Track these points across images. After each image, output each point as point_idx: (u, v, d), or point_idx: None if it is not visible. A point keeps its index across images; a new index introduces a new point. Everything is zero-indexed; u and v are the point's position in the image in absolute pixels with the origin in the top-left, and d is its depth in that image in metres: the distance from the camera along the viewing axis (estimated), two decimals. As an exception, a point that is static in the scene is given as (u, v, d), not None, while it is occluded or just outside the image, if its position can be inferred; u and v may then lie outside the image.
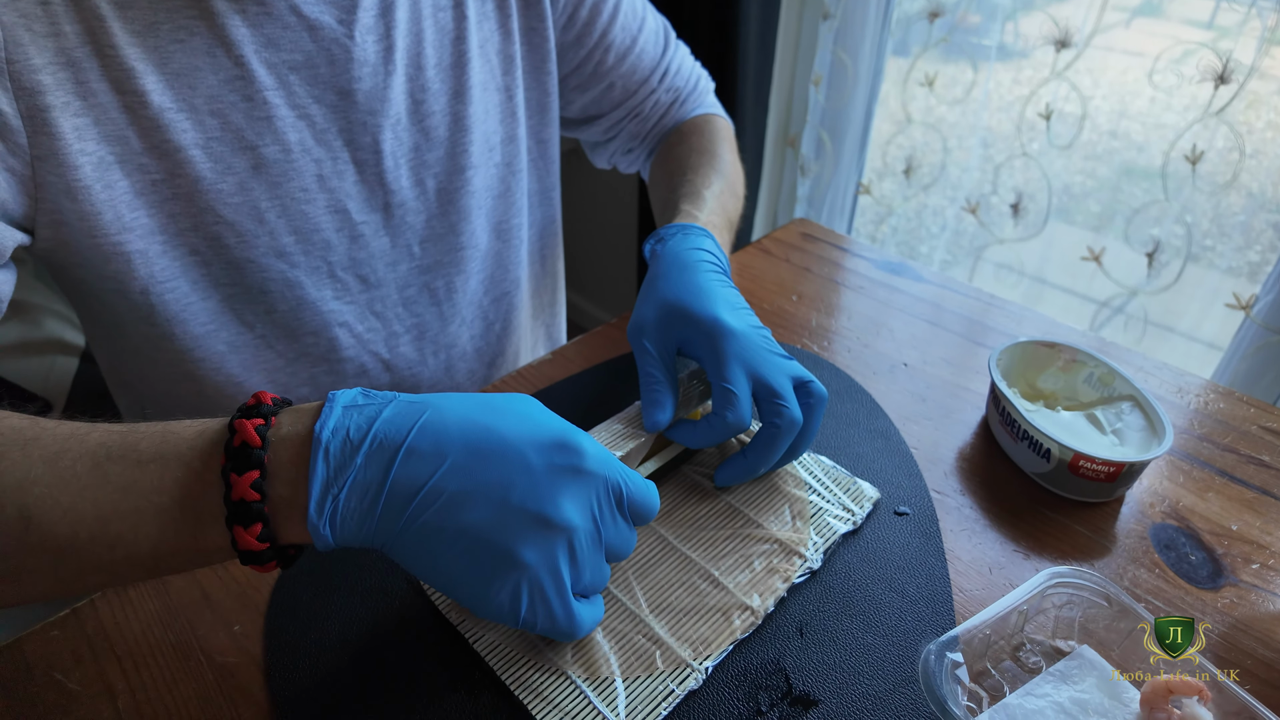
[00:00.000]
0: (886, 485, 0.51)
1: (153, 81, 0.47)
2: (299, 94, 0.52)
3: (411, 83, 0.57)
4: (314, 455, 0.33)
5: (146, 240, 0.50)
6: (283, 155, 0.53)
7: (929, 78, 1.22)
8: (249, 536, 0.33)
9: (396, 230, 0.60)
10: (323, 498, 0.33)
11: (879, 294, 0.73)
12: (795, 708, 0.39)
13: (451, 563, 0.34)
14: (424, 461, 0.34)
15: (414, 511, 0.33)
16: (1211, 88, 0.94)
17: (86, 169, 0.47)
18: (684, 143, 0.73)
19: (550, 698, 0.39)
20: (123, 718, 0.39)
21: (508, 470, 0.35)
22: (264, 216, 0.54)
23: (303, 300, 0.58)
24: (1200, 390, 0.60)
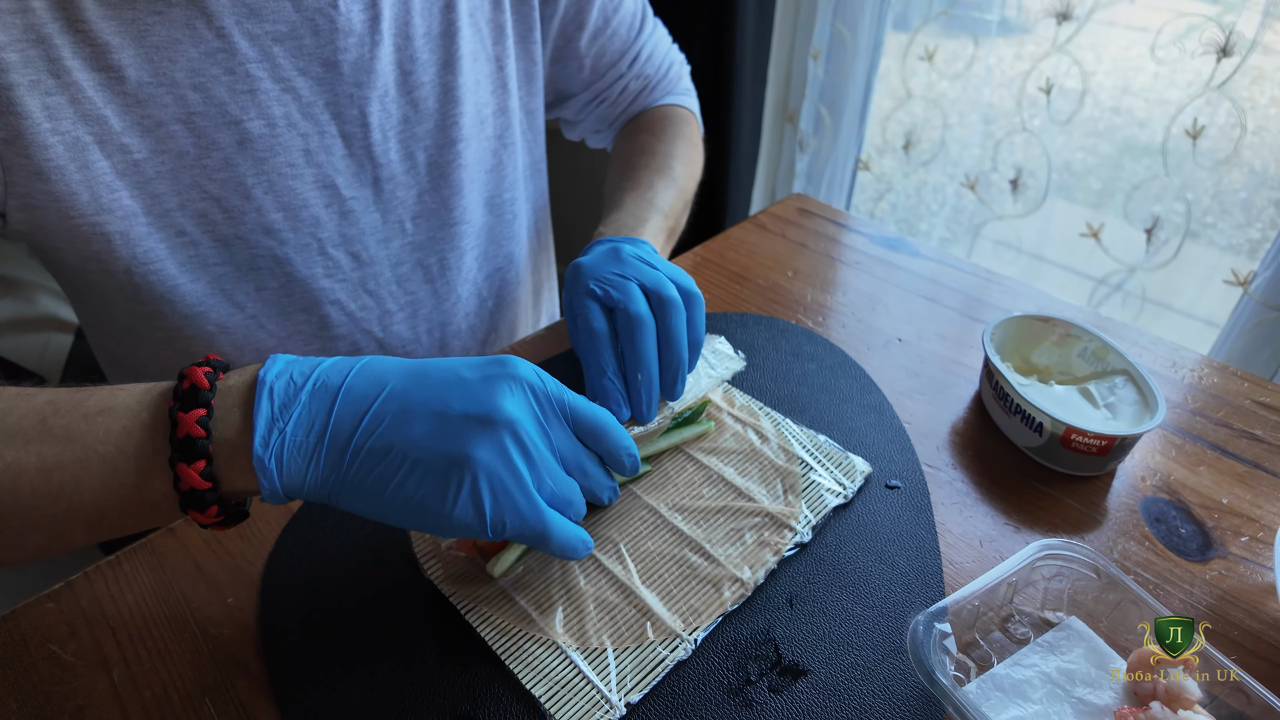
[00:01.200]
0: (878, 459, 0.51)
1: (129, 56, 0.46)
2: (283, 66, 0.51)
3: (399, 53, 0.56)
4: (258, 394, 0.34)
5: (128, 221, 0.50)
6: (268, 130, 0.52)
7: (929, 51, 1.21)
8: (192, 472, 0.33)
9: (387, 205, 0.60)
10: (268, 432, 0.34)
11: (876, 270, 0.72)
12: (784, 677, 0.39)
13: (404, 487, 0.34)
14: (364, 394, 0.35)
15: (359, 440, 0.34)
16: (1213, 61, 0.93)
17: (59, 149, 0.45)
18: (633, 140, 0.73)
19: (542, 668, 0.39)
20: (118, 688, 0.40)
21: (444, 386, 0.36)
22: (250, 193, 0.53)
23: (292, 278, 0.57)
24: (1194, 365, 0.60)
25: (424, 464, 0.34)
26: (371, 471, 0.34)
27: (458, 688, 0.39)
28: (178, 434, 0.33)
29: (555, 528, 0.37)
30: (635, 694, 0.38)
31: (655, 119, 0.75)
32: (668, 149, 0.71)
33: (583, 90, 0.74)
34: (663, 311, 0.47)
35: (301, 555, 0.45)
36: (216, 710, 0.39)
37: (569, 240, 0.98)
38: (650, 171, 0.67)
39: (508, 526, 0.35)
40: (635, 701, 0.38)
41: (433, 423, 0.34)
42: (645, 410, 0.47)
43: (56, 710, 0.39)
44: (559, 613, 0.42)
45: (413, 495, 0.34)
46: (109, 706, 0.39)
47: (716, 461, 0.50)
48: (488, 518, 0.35)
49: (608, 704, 0.38)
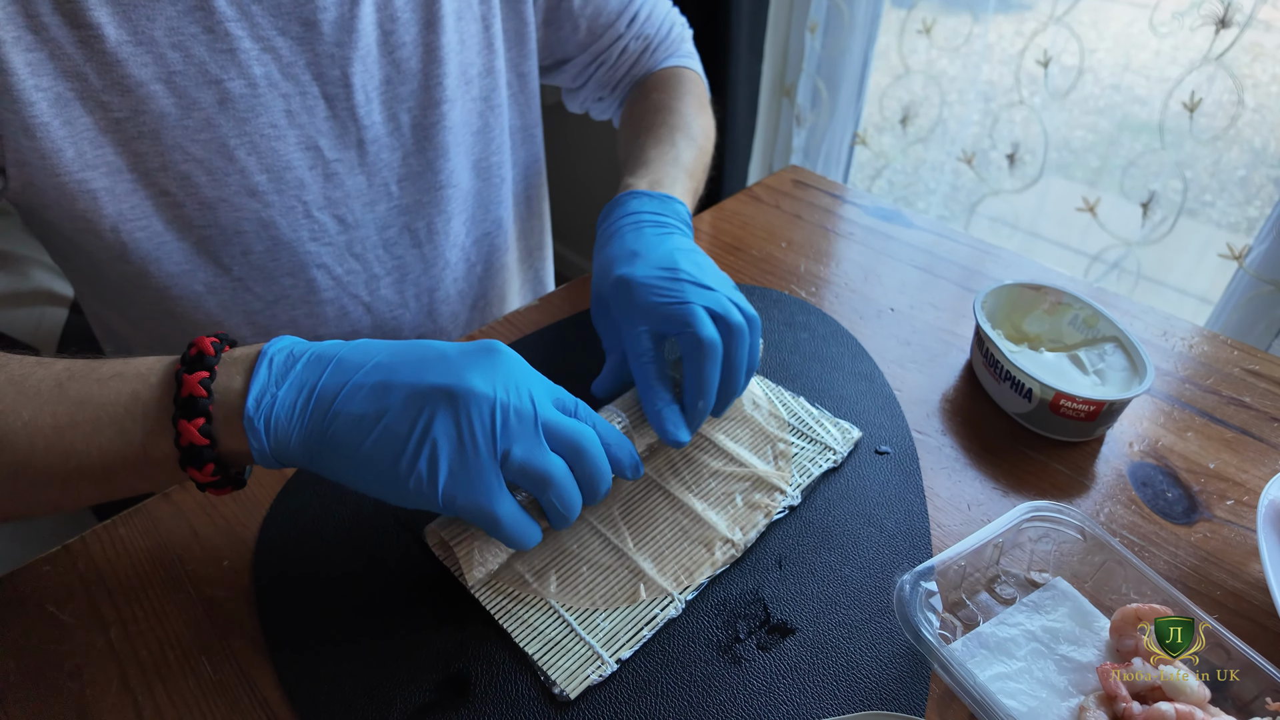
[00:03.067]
0: (868, 426, 0.52)
1: (106, 14, 0.46)
2: (262, 25, 0.51)
3: (380, 12, 0.55)
4: (259, 362, 0.37)
5: (113, 178, 0.50)
6: (249, 90, 0.51)
7: (927, 25, 1.20)
8: (192, 428, 0.35)
9: (372, 168, 0.59)
10: (261, 394, 0.36)
11: (870, 241, 0.72)
12: (773, 635, 0.40)
13: (372, 451, 0.35)
14: (352, 364, 0.37)
15: (339, 404, 0.36)
16: (1212, 32, 0.93)
17: (42, 105, 0.45)
18: (646, 99, 0.72)
19: (534, 626, 0.40)
20: (115, 647, 0.40)
21: (426, 361, 0.37)
22: (233, 154, 0.52)
23: (278, 240, 0.57)
24: (1185, 334, 0.61)
25: (391, 430, 0.35)
26: (347, 435, 0.36)
27: (451, 647, 0.39)
28: (181, 393, 0.36)
29: (507, 513, 0.37)
30: (626, 650, 0.39)
31: (664, 79, 0.73)
32: (683, 108, 0.69)
33: (580, 52, 0.72)
34: (730, 339, 0.46)
35: (296, 518, 0.46)
36: (213, 668, 0.39)
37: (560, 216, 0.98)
38: (670, 129, 0.66)
39: (458, 501, 0.35)
40: (626, 658, 0.39)
41: (406, 392, 0.36)
42: (690, 428, 0.46)
43: (55, 669, 0.39)
44: (552, 575, 0.42)
45: (379, 459, 0.35)
46: (107, 665, 0.39)
47: (708, 428, 0.50)
48: (440, 488, 0.35)
49: (599, 660, 0.38)
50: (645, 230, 0.53)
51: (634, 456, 0.43)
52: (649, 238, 0.52)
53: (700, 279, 0.48)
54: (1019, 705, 0.37)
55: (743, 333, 0.46)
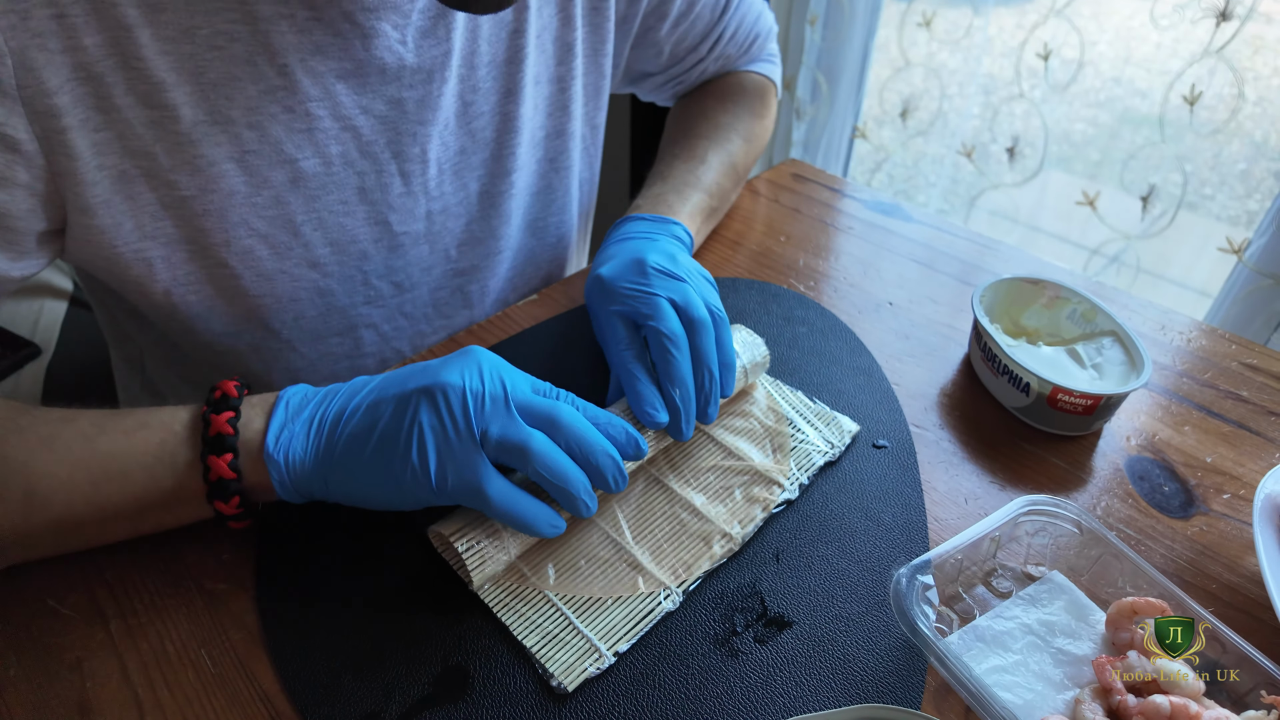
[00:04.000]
0: (866, 420, 0.52)
1: (185, 94, 0.44)
2: (345, 104, 0.49)
3: (463, 83, 0.54)
4: (277, 404, 0.41)
5: (171, 248, 0.48)
6: (323, 168, 0.50)
7: (927, 18, 1.19)
8: (221, 463, 0.39)
9: (436, 236, 0.58)
10: (279, 431, 0.40)
11: (869, 235, 0.72)
12: (770, 628, 0.40)
13: (372, 458, 0.39)
14: (352, 391, 0.41)
15: (343, 426, 0.40)
16: (1213, 25, 0.92)
17: (105, 184, 0.44)
18: (698, 102, 0.71)
19: (533, 619, 0.40)
20: (114, 640, 0.40)
21: (409, 375, 0.40)
22: (299, 230, 0.51)
23: (333, 306, 0.56)
24: (1183, 328, 0.61)
25: (386, 434, 0.39)
26: (351, 449, 0.39)
27: (450, 640, 0.40)
28: (210, 432, 0.39)
29: (496, 489, 0.38)
30: (624, 643, 0.39)
31: (726, 86, 0.73)
32: (730, 121, 0.68)
33: (659, 73, 0.72)
34: (692, 331, 0.46)
35: (296, 512, 0.46)
36: (212, 661, 0.39)
37: None
38: (705, 141, 0.66)
39: (449, 482, 0.38)
40: (624, 650, 0.39)
41: (394, 400, 0.39)
42: (685, 427, 0.45)
43: (55, 662, 0.39)
44: (550, 568, 0.42)
45: (379, 463, 0.38)
46: (106, 658, 0.39)
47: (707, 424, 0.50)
48: (432, 474, 0.38)
49: (597, 653, 0.39)
50: (628, 243, 0.53)
51: (631, 432, 0.42)
52: (628, 246, 0.52)
53: (670, 269, 0.49)
54: (1015, 698, 0.37)
55: (705, 326, 0.47)
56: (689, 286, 0.48)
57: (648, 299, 0.47)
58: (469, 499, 0.38)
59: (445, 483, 0.38)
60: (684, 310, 0.47)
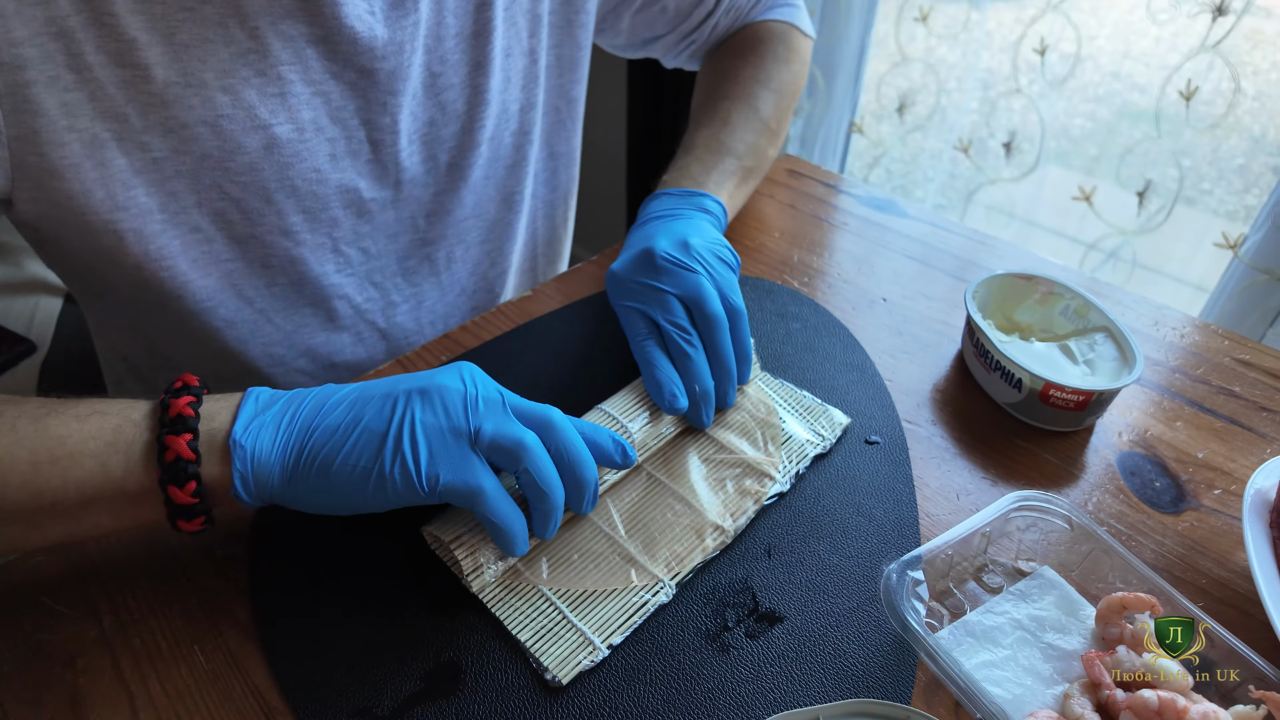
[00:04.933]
0: (859, 416, 0.52)
1: (156, 54, 0.43)
2: (315, 70, 0.49)
3: (429, 54, 0.54)
4: (245, 398, 0.39)
5: (142, 219, 0.48)
6: (296, 134, 0.50)
7: (924, 13, 1.19)
8: (180, 442, 0.36)
9: (403, 204, 0.58)
10: (248, 422, 0.38)
11: (865, 231, 0.72)
12: (761, 623, 0.40)
13: (350, 455, 0.37)
14: (329, 393, 0.40)
15: (317, 421, 0.38)
16: (1210, 19, 0.92)
17: (75, 147, 0.44)
18: (719, 62, 0.70)
19: (526, 613, 0.40)
20: (108, 636, 0.40)
21: (400, 378, 0.40)
22: (272, 196, 0.51)
23: (304, 275, 0.56)
24: (1177, 323, 0.61)
25: (369, 430, 0.37)
26: (329, 443, 0.37)
27: (443, 635, 0.40)
28: (169, 414, 0.37)
29: (491, 487, 0.37)
30: (617, 636, 0.39)
31: (744, 39, 0.71)
32: (754, 73, 0.67)
33: (669, 33, 0.70)
34: (707, 327, 0.47)
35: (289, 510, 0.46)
36: (205, 657, 0.39)
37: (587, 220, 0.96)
38: (729, 102, 0.65)
39: (442, 479, 0.37)
40: (618, 643, 0.39)
41: (382, 397, 0.38)
42: (705, 417, 0.48)
43: (48, 659, 0.40)
44: (544, 562, 0.43)
45: (356, 463, 0.37)
46: (100, 654, 0.40)
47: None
48: (423, 468, 0.37)
49: (591, 646, 0.39)
50: (644, 227, 0.53)
51: (617, 440, 0.43)
52: (644, 233, 0.52)
53: (682, 260, 0.49)
54: (1004, 693, 0.37)
55: (719, 322, 0.47)
56: (702, 278, 0.48)
57: (658, 296, 0.48)
58: (460, 498, 0.37)
59: (436, 480, 0.37)
60: (696, 306, 0.47)
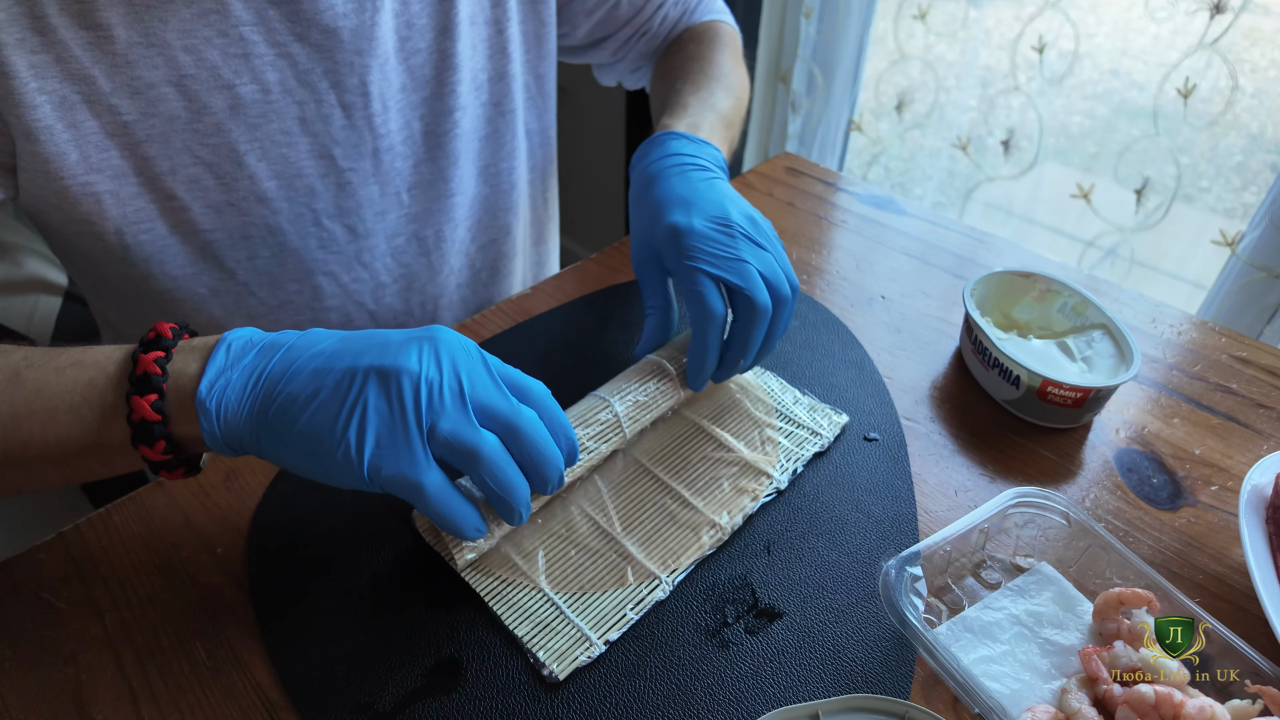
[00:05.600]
0: (858, 413, 0.52)
1: (118, 15, 0.44)
2: (279, 30, 0.49)
3: (397, 18, 0.54)
4: (217, 348, 0.38)
5: (118, 181, 0.49)
6: (261, 95, 0.50)
7: (922, 10, 1.19)
8: (144, 404, 0.36)
9: (385, 177, 0.58)
10: (215, 378, 0.37)
11: (864, 229, 0.72)
12: (760, 619, 0.40)
13: (305, 426, 0.35)
14: (300, 349, 0.38)
15: (282, 385, 0.36)
16: (1208, 17, 0.92)
17: (46, 108, 0.44)
18: (682, 50, 0.71)
19: (524, 608, 0.40)
20: (109, 633, 0.41)
21: (367, 346, 0.37)
22: (243, 160, 0.52)
23: (285, 247, 0.57)
24: (1174, 321, 0.61)
25: (324, 405, 0.36)
26: (286, 413, 0.36)
27: (442, 631, 0.40)
28: (136, 371, 0.37)
29: (432, 483, 0.36)
30: (614, 632, 0.39)
31: (699, 33, 0.73)
32: (720, 59, 0.68)
33: (621, 27, 0.71)
34: (779, 307, 0.47)
35: (288, 506, 0.46)
36: (207, 654, 0.40)
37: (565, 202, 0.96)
38: (708, 78, 0.65)
39: (383, 472, 0.35)
40: (614, 639, 0.39)
41: (341, 372, 0.36)
42: (710, 380, 0.48)
43: (50, 655, 0.40)
44: (541, 558, 0.43)
45: (311, 435, 0.36)
46: (101, 651, 0.40)
47: (696, 413, 0.51)
48: (366, 459, 0.35)
49: (587, 642, 0.39)
50: (690, 174, 0.52)
51: (571, 443, 0.40)
52: (696, 183, 0.51)
53: (754, 235, 0.48)
54: (1002, 688, 0.37)
55: (788, 304, 0.48)
56: (773, 257, 0.48)
57: (739, 267, 0.46)
58: (401, 492, 0.36)
59: (378, 472, 0.35)
60: (773, 286, 0.47)
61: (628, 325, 0.60)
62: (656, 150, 0.54)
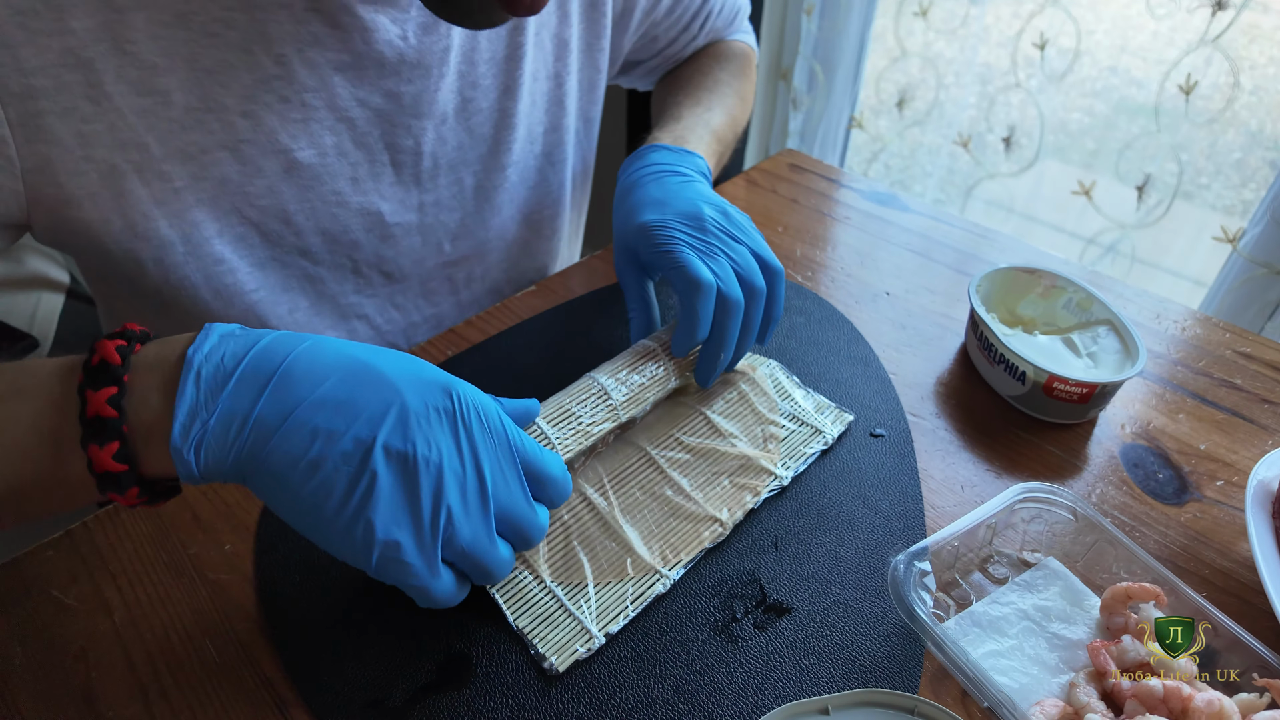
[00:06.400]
0: (863, 409, 0.52)
1: (178, 80, 0.43)
2: (341, 96, 0.48)
3: (462, 79, 0.54)
4: (184, 377, 0.31)
5: (163, 250, 0.47)
6: (317, 158, 0.50)
7: (923, 8, 1.19)
8: (104, 456, 0.31)
9: (429, 229, 0.58)
10: (190, 422, 0.31)
11: (867, 225, 0.72)
12: (769, 614, 0.40)
13: (309, 498, 0.32)
14: (295, 391, 0.32)
15: (277, 441, 0.32)
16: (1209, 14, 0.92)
17: (92, 177, 0.43)
18: (691, 62, 0.72)
19: (525, 599, 0.41)
20: (119, 630, 0.41)
21: (379, 406, 0.32)
22: (291, 219, 0.51)
23: (323, 295, 0.56)
24: (1178, 316, 0.61)
25: (329, 482, 0.32)
26: (284, 474, 0.32)
27: (452, 627, 0.40)
28: (87, 413, 0.31)
29: (442, 590, 0.34)
30: (614, 625, 0.40)
31: (712, 51, 0.74)
32: (721, 74, 0.70)
33: (653, 57, 0.72)
34: (751, 299, 0.47)
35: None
36: (217, 651, 0.40)
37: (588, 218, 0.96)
38: (706, 91, 0.66)
39: (389, 576, 0.33)
40: (615, 632, 0.39)
41: (352, 446, 0.32)
42: (708, 378, 0.48)
43: (60, 653, 0.40)
44: (542, 550, 0.43)
45: (312, 508, 0.32)
46: (111, 648, 0.40)
47: (702, 407, 0.51)
48: (374, 558, 0.32)
49: (587, 634, 0.39)
50: (666, 180, 0.53)
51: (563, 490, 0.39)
52: (670, 186, 0.52)
53: (728, 227, 0.49)
54: (1011, 682, 0.38)
55: (760, 295, 0.47)
56: (748, 248, 0.48)
57: (712, 260, 0.47)
58: (403, 588, 0.34)
59: (385, 574, 0.33)
60: (745, 278, 0.47)
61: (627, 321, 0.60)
62: (638, 162, 0.56)
